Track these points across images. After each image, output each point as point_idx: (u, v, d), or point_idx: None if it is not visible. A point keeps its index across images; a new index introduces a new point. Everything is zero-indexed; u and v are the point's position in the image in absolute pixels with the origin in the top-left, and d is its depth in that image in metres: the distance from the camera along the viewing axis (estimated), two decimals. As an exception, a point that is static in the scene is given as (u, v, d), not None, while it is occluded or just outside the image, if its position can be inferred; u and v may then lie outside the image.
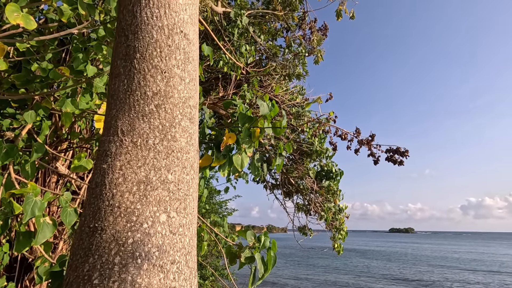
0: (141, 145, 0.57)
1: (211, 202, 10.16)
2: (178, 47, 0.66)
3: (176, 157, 0.59)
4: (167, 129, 0.60)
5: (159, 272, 0.48)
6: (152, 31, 0.63)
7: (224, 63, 4.20)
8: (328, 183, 5.35)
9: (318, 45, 5.14)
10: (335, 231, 5.42)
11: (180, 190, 0.58)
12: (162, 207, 0.54)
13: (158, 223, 0.52)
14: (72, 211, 1.32)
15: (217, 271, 8.54)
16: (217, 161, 1.86)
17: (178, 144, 0.61)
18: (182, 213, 0.56)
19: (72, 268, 0.47)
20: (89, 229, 0.50)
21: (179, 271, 0.51)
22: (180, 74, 0.65)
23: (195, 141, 0.66)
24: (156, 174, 0.56)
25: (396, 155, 4.52)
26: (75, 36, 2.04)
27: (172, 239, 0.52)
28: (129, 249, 0.47)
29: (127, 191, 0.52)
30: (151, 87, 0.61)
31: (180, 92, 0.64)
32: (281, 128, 1.80)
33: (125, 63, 0.62)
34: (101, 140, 0.59)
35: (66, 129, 2.96)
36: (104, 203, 0.52)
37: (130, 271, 0.46)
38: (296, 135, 5.10)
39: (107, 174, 0.54)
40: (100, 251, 0.47)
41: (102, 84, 1.87)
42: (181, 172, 0.59)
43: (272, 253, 1.63)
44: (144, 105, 0.59)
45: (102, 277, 0.44)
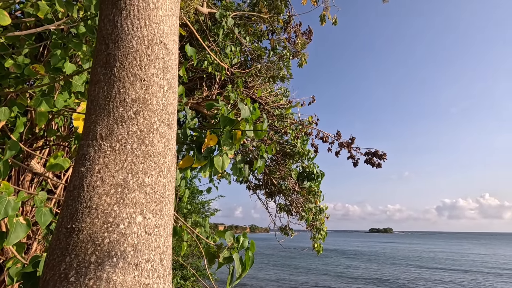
0: (120, 150, 0.59)
1: (194, 202, 10.09)
2: (157, 56, 0.68)
3: (153, 161, 0.62)
4: (145, 134, 0.62)
5: (134, 270, 0.51)
6: (133, 41, 0.65)
7: (208, 63, 4.19)
8: (309, 184, 5.45)
9: (302, 49, 5.23)
10: (315, 231, 5.53)
11: (156, 193, 0.60)
12: (139, 209, 0.56)
13: (134, 224, 0.55)
14: (47, 211, 1.30)
15: (198, 272, 8.49)
16: (198, 162, 1.87)
17: (156, 149, 0.63)
18: (158, 214, 0.59)
19: (49, 267, 0.48)
20: (66, 230, 0.51)
21: (153, 269, 0.54)
22: (159, 82, 0.67)
23: (173, 146, 0.68)
24: (133, 178, 0.58)
25: (374, 157, 4.68)
26: (54, 31, 1.99)
27: (147, 239, 0.55)
28: (105, 249, 0.50)
29: (104, 193, 0.54)
30: (130, 94, 0.63)
31: (159, 100, 0.67)
32: (262, 131, 1.84)
33: (105, 71, 0.64)
34: (80, 144, 0.60)
35: (42, 126, 2.87)
36: (82, 205, 0.53)
37: (105, 269, 0.48)
38: (280, 137, 5.17)
39: (85, 177, 0.56)
40: (76, 250, 0.49)
41: (81, 82, 1.84)
42: (158, 175, 0.62)
43: (250, 253, 1.66)
44: (123, 112, 0.62)
45: (78, 275, 0.46)
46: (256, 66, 5.02)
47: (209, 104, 2.23)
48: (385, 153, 4.51)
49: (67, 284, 0.45)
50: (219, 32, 4.09)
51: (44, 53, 2.97)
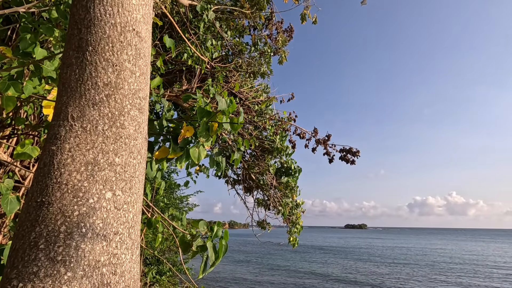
0: (91, 130, 0.61)
1: (172, 197, 9.96)
2: (130, 43, 0.69)
3: (124, 142, 0.64)
4: (116, 117, 0.64)
5: (102, 241, 0.53)
6: (105, 27, 0.67)
7: (188, 56, 4.15)
8: (286, 179, 5.56)
9: (283, 46, 5.29)
10: (291, 225, 5.65)
11: (126, 172, 0.63)
12: (108, 186, 0.59)
13: (104, 199, 0.57)
14: (13, 198, 1.26)
15: (174, 267, 8.43)
16: (174, 153, 1.88)
17: (127, 131, 0.65)
18: (127, 192, 0.62)
19: (19, 238, 0.50)
20: (36, 203, 0.53)
21: (121, 241, 0.57)
22: (131, 68, 0.69)
23: (144, 129, 0.70)
24: (104, 157, 0.60)
25: (348, 154, 4.84)
26: (24, 14, 1.91)
27: (116, 214, 0.58)
28: (75, 220, 0.52)
29: (75, 170, 0.56)
30: (102, 78, 0.65)
31: (130, 85, 0.69)
32: (238, 124, 1.87)
33: (77, 54, 0.64)
34: (51, 125, 0.61)
35: (9, 114, 2.74)
36: (52, 180, 0.55)
37: (74, 238, 0.51)
38: (259, 132, 5.22)
39: (56, 155, 0.57)
40: (46, 221, 0.51)
41: (53, 68, 1.78)
42: (128, 156, 0.64)
43: (224, 242, 1.70)
44: (95, 94, 0.63)
45: (47, 243, 0.48)
46: (237, 61, 5.02)
47: (186, 96, 2.24)
48: (359, 151, 4.69)
49: (37, 251, 0.47)
50: (199, 25, 4.06)
51: (13, 37, 2.83)
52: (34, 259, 0.46)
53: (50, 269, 0.45)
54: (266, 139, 5.30)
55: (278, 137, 5.22)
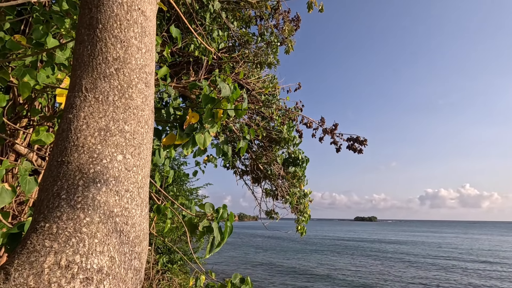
0: (102, 101, 0.67)
1: (182, 189, 10.15)
2: (136, 21, 0.75)
3: (132, 112, 0.71)
4: (125, 89, 0.71)
5: (115, 195, 0.60)
6: (113, 6, 0.73)
7: (195, 47, 4.19)
8: (294, 169, 5.60)
9: (290, 35, 5.27)
10: (299, 215, 5.71)
11: (135, 139, 0.69)
12: (119, 149, 0.65)
13: (115, 160, 0.64)
14: (31, 179, 1.35)
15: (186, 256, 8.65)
16: (180, 139, 1.94)
17: (135, 102, 0.72)
18: (136, 157, 0.68)
19: (43, 190, 0.57)
20: (57, 163, 0.60)
21: (132, 198, 0.64)
22: (137, 44, 0.75)
23: (150, 102, 0.77)
24: (114, 124, 0.66)
25: (356, 143, 4.84)
26: (36, 7, 1.99)
27: (126, 174, 0.64)
28: (91, 176, 0.59)
29: (89, 135, 0.63)
30: (112, 53, 0.71)
31: (137, 60, 0.75)
32: (242, 110, 1.92)
33: (89, 32, 0.71)
34: (67, 96, 0.69)
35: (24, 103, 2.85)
36: (70, 143, 0.62)
37: (91, 190, 0.57)
38: (266, 123, 5.26)
39: (73, 122, 0.64)
40: (66, 177, 0.58)
41: (65, 57, 1.86)
42: (136, 125, 0.70)
43: (229, 223, 1.77)
44: (106, 68, 0.70)
45: (68, 194, 0.55)
46: (243, 52, 5.04)
47: (192, 84, 2.29)
48: (366, 139, 4.68)
49: (59, 200, 0.54)
50: (206, 15, 4.09)
51: (26, 31, 2.92)
52: (57, 206, 0.53)
53: (71, 214, 0.52)
54: (273, 130, 5.34)
55: (285, 127, 5.25)
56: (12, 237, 1.27)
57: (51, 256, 0.45)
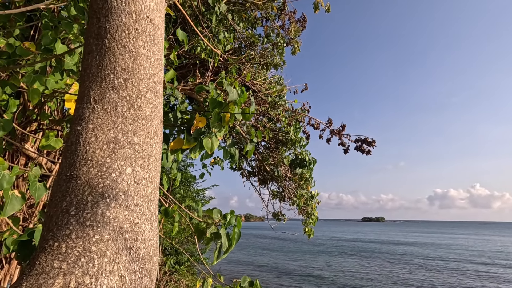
0: (111, 112, 0.66)
1: (188, 190, 10.19)
2: (144, 30, 0.74)
3: (141, 123, 0.69)
4: (134, 99, 0.70)
5: (124, 210, 0.59)
6: (121, 15, 0.71)
7: (201, 49, 4.19)
8: (301, 170, 5.55)
9: (296, 36, 5.24)
10: (306, 216, 5.67)
11: (144, 151, 0.68)
12: (128, 162, 0.64)
13: (125, 174, 0.63)
14: (41, 185, 1.35)
15: (192, 257, 8.67)
16: (188, 143, 1.93)
17: (144, 113, 0.71)
18: (145, 169, 0.67)
19: (52, 206, 0.56)
20: (66, 177, 0.59)
21: (141, 212, 0.63)
22: (146, 53, 0.74)
23: (159, 112, 0.75)
24: (123, 136, 0.65)
25: (364, 144, 4.78)
26: (45, 13, 2.00)
27: (136, 188, 0.63)
28: (100, 191, 0.58)
29: (98, 148, 0.62)
30: (120, 63, 0.70)
31: (146, 69, 0.73)
32: (249, 114, 1.90)
33: (97, 42, 0.70)
34: (76, 108, 0.68)
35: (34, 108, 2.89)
36: (79, 157, 0.61)
37: (100, 206, 0.56)
38: (273, 124, 5.23)
39: (81, 134, 0.63)
40: (75, 192, 0.57)
41: (73, 62, 1.87)
42: (145, 136, 0.69)
43: (237, 229, 1.75)
44: (114, 79, 0.69)
45: (77, 210, 0.54)
46: (249, 53, 5.03)
47: (199, 87, 2.28)
48: (374, 140, 4.61)
49: (68, 217, 0.53)
50: (212, 17, 4.08)
51: (35, 36, 2.96)
52: (66, 223, 0.52)
53: (80, 232, 0.51)
54: (280, 131, 5.31)
55: (292, 129, 5.21)
56: (22, 244, 1.27)
57: (60, 278, 0.44)
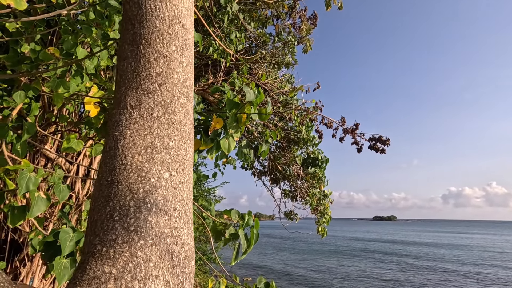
0: (147, 117, 0.67)
1: (200, 189, 10.28)
2: (177, 35, 0.75)
3: (176, 128, 0.70)
4: (168, 104, 0.70)
5: (164, 215, 0.60)
6: (156, 21, 0.72)
7: (214, 50, 4.20)
8: (313, 169, 5.52)
9: (307, 34, 5.20)
10: (319, 216, 5.63)
11: (179, 155, 0.69)
12: (165, 167, 0.65)
13: (163, 179, 0.64)
14: (65, 187, 1.38)
15: (205, 256, 8.74)
16: (205, 145, 1.94)
17: (177, 117, 0.71)
18: (181, 173, 0.68)
19: (95, 211, 0.57)
20: (107, 182, 0.60)
21: (179, 216, 0.63)
22: (179, 58, 0.74)
23: (191, 116, 0.76)
24: (159, 141, 0.66)
25: (378, 143, 4.71)
26: (63, 18, 2.04)
27: (173, 192, 0.64)
28: (141, 197, 0.59)
29: (136, 153, 0.63)
30: (155, 69, 0.70)
31: (179, 74, 0.74)
32: (266, 114, 1.90)
33: (132, 48, 0.71)
34: (112, 113, 0.69)
35: (52, 110, 2.96)
36: (118, 162, 0.62)
37: (142, 212, 0.57)
38: (284, 123, 5.21)
39: (119, 140, 0.64)
40: (118, 197, 0.58)
41: (93, 66, 1.90)
42: (180, 140, 0.70)
43: (255, 230, 1.75)
44: (149, 84, 0.69)
45: (121, 215, 0.55)
46: (260, 53, 5.02)
47: (214, 88, 2.29)
48: (389, 139, 4.54)
49: (113, 222, 0.54)
50: (224, 18, 4.09)
51: (53, 41, 3.02)
52: (112, 229, 0.53)
53: (126, 237, 0.52)
54: (292, 130, 5.28)
55: (304, 128, 5.18)
56: (48, 245, 1.30)
57: (111, 283, 0.44)
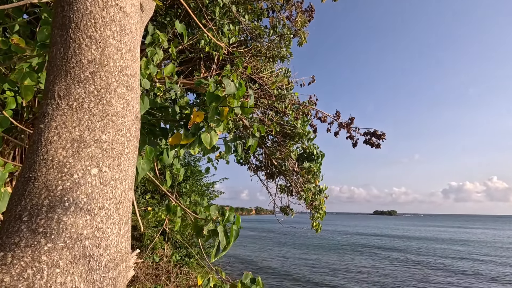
0: (77, 108, 0.62)
1: (198, 184, 10.26)
2: (113, 19, 0.69)
3: (111, 120, 0.65)
4: (102, 94, 0.65)
5: (86, 214, 0.55)
6: (86, 3, 0.66)
7: (206, 43, 4.13)
8: (308, 164, 5.47)
9: (302, 27, 5.10)
10: (314, 211, 5.60)
11: (114, 149, 0.64)
12: (94, 162, 0.60)
13: (89, 175, 0.59)
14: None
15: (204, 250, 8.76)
16: (186, 139, 1.89)
17: (114, 108, 0.66)
18: (115, 169, 0.63)
19: (7, 210, 0.53)
20: (24, 179, 0.56)
21: (107, 216, 0.59)
22: (115, 44, 0.69)
23: (133, 107, 0.70)
24: (90, 134, 0.61)
25: (373, 138, 4.64)
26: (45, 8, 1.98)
27: (102, 189, 0.59)
28: (58, 195, 0.54)
29: (60, 147, 0.58)
30: (86, 55, 0.65)
31: (116, 62, 0.68)
32: (248, 107, 1.84)
33: (62, 32, 0.65)
34: (41, 104, 0.64)
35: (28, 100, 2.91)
36: (39, 157, 0.57)
37: (57, 211, 0.53)
38: (280, 118, 5.15)
39: (44, 132, 0.59)
40: (31, 196, 0.54)
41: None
42: (115, 133, 0.65)
43: (235, 227, 1.71)
44: (80, 72, 0.64)
45: (30, 216, 0.50)
46: (255, 46, 4.93)
47: (198, 81, 2.23)
48: (384, 133, 4.47)
49: (20, 223, 0.49)
50: (215, 10, 4.00)
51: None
52: (16, 231, 0.48)
53: (31, 240, 0.47)
54: (287, 124, 5.22)
55: (299, 122, 5.12)
56: None
57: (-1, 294, 0.40)
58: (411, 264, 16.96)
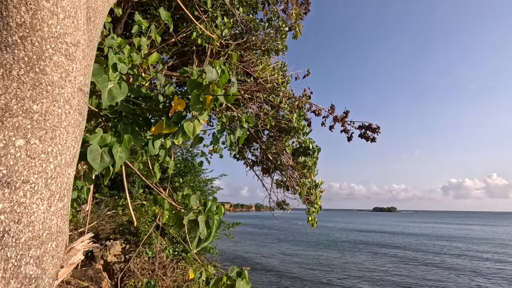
0: (4, 75, 0.57)
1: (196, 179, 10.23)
2: None
3: (45, 89, 0.60)
4: (35, 61, 0.61)
5: (4, 187, 0.51)
6: None
7: (198, 35, 4.07)
8: (304, 159, 5.43)
9: (297, 19, 5.03)
10: (309, 206, 5.57)
11: (47, 121, 0.60)
12: (21, 133, 0.56)
13: (13, 146, 0.55)
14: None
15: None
16: (168, 128, 1.85)
17: (48, 77, 0.61)
18: (47, 142, 0.59)
19: None
20: None
21: (33, 190, 0.55)
22: (50, 8, 0.64)
23: (75, 78, 0.65)
24: (18, 103, 0.57)
25: (368, 131, 4.59)
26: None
27: (28, 162, 0.55)
28: None
29: None
30: (15, 18, 0.60)
31: (51, 27, 0.64)
32: (231, 95, 1.79)
33: None
34: None
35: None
36: None
37: None
38: (276, 112, 5.11)
39: None
40: None
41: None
42: (50, 104, 0.61)
43: (217, 217, 1.67)
44: (7, 36, 0.59)
45: None
46: (250, 39, 4.87)
47: (182, 70, 2.18)
48: (379, 127, 4.41)
49: None
50: (207, 1, 3.94)
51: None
52: None
53: None
54: (282, 119, 5.18)
55: (295, 116, 5.07)
56: None
57: None
58: (411, 261, 16.97)
